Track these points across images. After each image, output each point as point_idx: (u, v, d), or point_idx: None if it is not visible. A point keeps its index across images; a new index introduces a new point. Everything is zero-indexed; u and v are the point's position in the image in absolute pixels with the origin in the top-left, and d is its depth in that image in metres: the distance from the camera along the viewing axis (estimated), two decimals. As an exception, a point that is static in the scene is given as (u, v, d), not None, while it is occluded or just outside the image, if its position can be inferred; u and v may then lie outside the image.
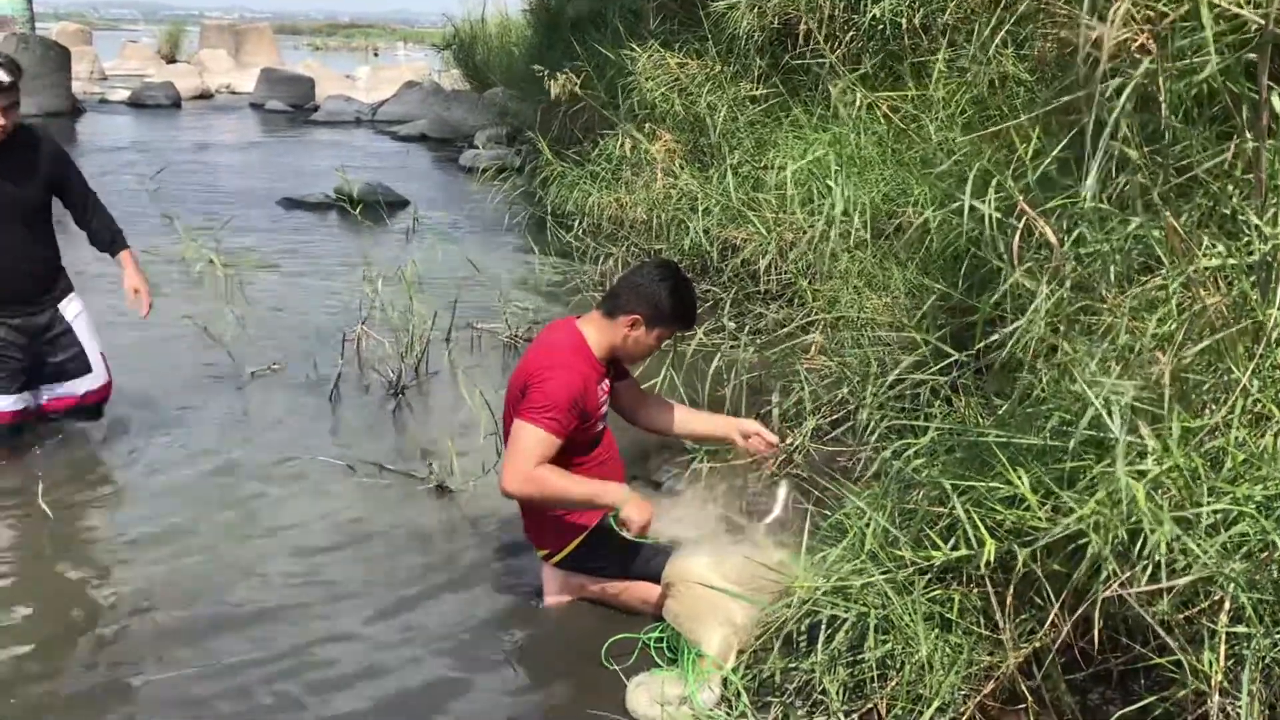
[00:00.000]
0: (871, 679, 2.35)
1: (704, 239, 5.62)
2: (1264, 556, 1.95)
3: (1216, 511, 1.98)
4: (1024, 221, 2.29)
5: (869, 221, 4.61)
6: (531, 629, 3.09)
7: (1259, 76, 2.11)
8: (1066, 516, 2.05)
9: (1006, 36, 3.70)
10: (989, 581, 2.29)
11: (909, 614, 2.31)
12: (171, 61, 26.48)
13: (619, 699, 2.66)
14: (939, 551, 2.31)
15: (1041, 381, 2.46)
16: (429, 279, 6.34)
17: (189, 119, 17.50)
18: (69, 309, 4.08)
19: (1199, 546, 1.94)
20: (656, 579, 2.94)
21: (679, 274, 3.10)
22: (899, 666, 2.32)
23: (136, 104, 18.60)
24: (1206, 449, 2.09)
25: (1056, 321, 2.39)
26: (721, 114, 6.01)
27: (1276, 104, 2.13)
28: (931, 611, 2.34)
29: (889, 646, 2.32)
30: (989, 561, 2.18)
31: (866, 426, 3.53)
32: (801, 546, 2.73)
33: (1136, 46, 2.18)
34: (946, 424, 2.74)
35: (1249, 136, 2.18)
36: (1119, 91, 2.14)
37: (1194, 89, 2.30)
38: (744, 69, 6.24)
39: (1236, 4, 2.10)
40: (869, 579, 2.39)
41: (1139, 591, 1.97)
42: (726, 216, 5.60)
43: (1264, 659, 1.96)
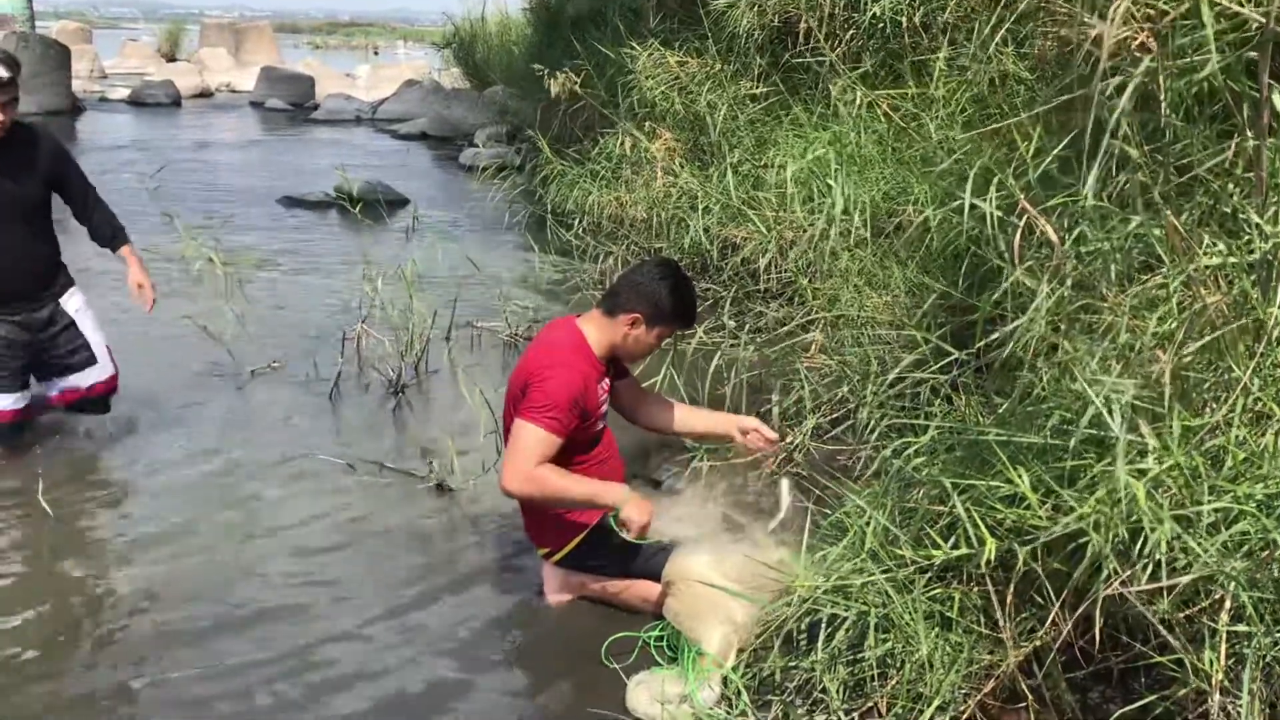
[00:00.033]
0: (872, 678, 2.35)
1: (704, 237, 5.62)
2: (1265, 555, 1.95)
3: (1217, 510, 1.98)
4: (1025, 219, 2.29)
5: (869, 220, 4.61)
6: (532, 627, 3.09)
7: (1260, 75, 2.10)
8: (1067, 515, 2.05)
9: (1007, 35, 3.70)
10: (989, 580, 2.29)
11: (909, 613, 2.31)
12: (171, 60, 26.49)
13: (619, 697, 2.66)
14: (939, 550, 2.31)
15: (1042, 380, 2.45)
16: (429, 277, 6.34)
17: (189, 117, 17.49)
18: (70, 303, 4.08)
19: (1199, 545, 1.94)
20: (657, 577, 2.94)
21: (679, 272, 3.10)
22: (899, 665, 2.32)
23: (136, 102, 18.60)
24: (1207, 448, 2.09)
25: (1057, 320, 2.39)
26: (721, 112, 6.01)
27: (1277, 102, 2.12)
28: (932, 610, 2.34)
29: (889, 645, 2.32)
30: (989, 560, 2.18)
31: (867, 425, 3.53)
32: (802, 545, 2.73)
33: (1137, 45, 2.18)
34: (947, 423, 2.74)
35: (1250, 135, 2.17)
36: (1119, 90, 2.14)
37: (1194, 87, 2.30)
38: (744, 67, 6.24)
39: (1238, 2, 2.10)
40: (869, 578, 2.39)
41: (1139, 590, 1.97)
42: (726, 215, 5.60)
43: (1265, 658, 1.96)
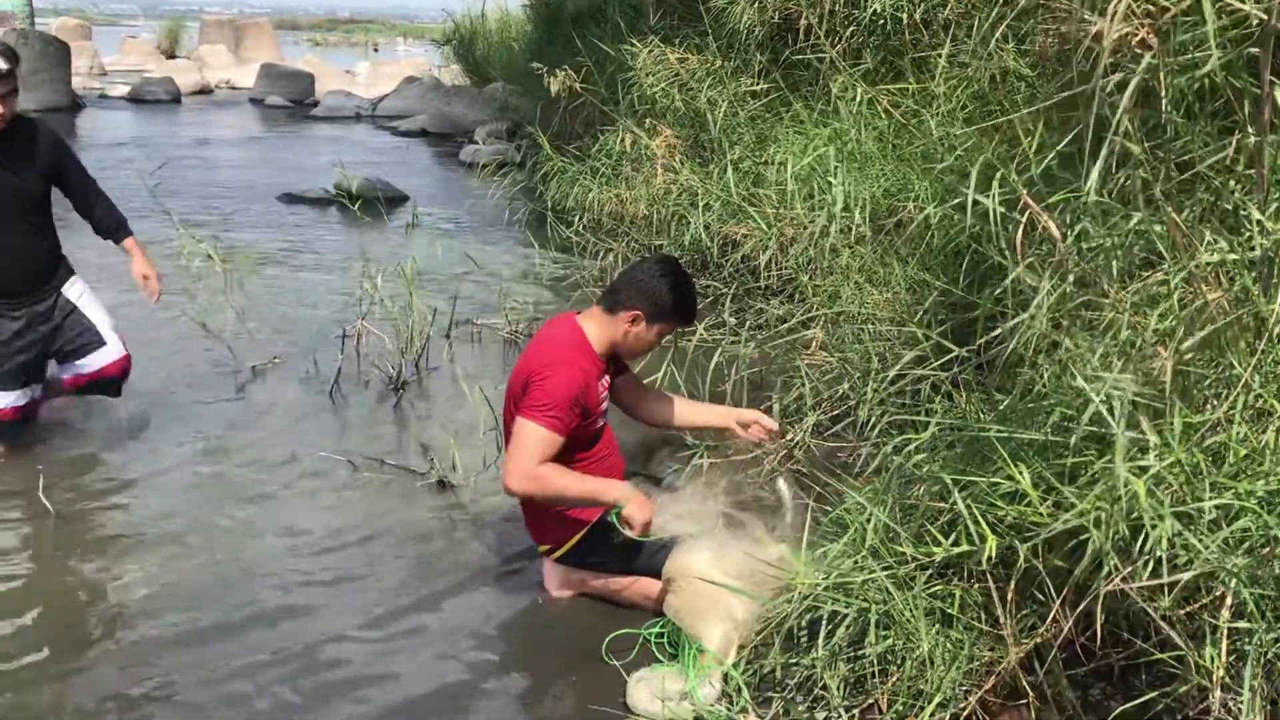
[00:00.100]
0: (872, 674, 2.35)
1: (704, 234, 5.62)
2: (1266, 552, 1.95)
3: (1218, 506, 1.98)
4: (1027, 216, 2.29)
5: (869, 217, 4.61)
6: (532, 624, 3.09)
7: (1261, 71, 2.10)
8: (1068, 512, 2.05)
9: (1007, 32, 3.69)
10: (990, 577, 2.28)
11: (910, 609, 2.31)
12: (171, 57, 26.46)
13: (620, 694, 2.66)
14: (940, 547, 2.31)
15: (1043, 377, 2.45)
16: (429, 274, 6.34)
17: (189, 114, 17.49)
18: (72, 291, 4.07)
19: (1201, 542, 1.93)
20: (658, 575, 2.94)
21: (679, 270, 3.10)
22: (900, 662, 2.32)
23: (136, 99, 18.59)
24: (1208, 444, 2.09)
25: (1058, 317, 2.38)
26: (722, 109, 6.00)
27: (1279, 99, 2.12)
28: (932, 607, 2.34)
29: (890, 642, 2.32)
30: (990, 557, 2.17)
31: (867, 422, 3.53)
32: (802, 542, 2.73)
33: (1137, 41, 2.17)
34: (948, 420, 2.74)
35: (1251, 131, 2.17)
36: (1120, 87, 2.13)
37: (1195, 84, 2.30)
38: (744, 64, 6.24)
39: (1239, -2, 2.09)
40: (870, 574, 2.38)
41: (1140, 586, 1.97)
42: (727, 212, 5.59)
43: (1266, 654, 1.95)
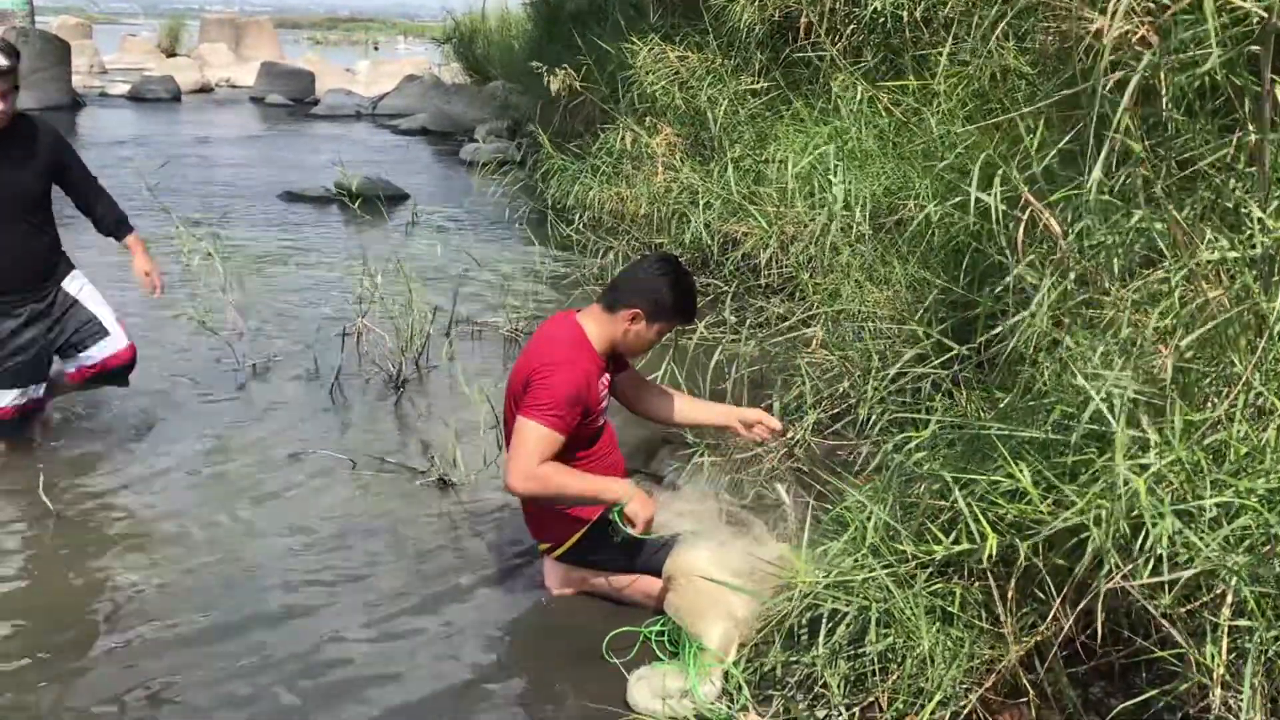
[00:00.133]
0: (873, 672, 2.35)
1: (705, 233, 5.62)
2: (1266, 550, 1.95)
3: (1219, 505, 1.98)
4: (1028, 213, 2.29)
5: (870, 215, 4.60)
6: (533, 623, 3.09)
7: (1262, 69, 2.10)
8: (1068, 510, 2.05)
9: (1007, 29, 3.69)
10: (990, 575, 2.28)
11: (910, 608, 2.31)
12: (171, 55, 26.46)
13: (620, 692, 2.66)
14: (940, 545, 2.31)
15: (1043, 375, 2.45)
16: (429, 273, 6.34)
17: (189, 113, 17.49)
18: (71, 285, 4.06)
19: (1201, 540, 1.93)
20: (658, 573, 2.94)
21: (679, 268, 3.09)
22: (900, 660, 2.32)
23: (136, 98, 18.59)
24: (1209, 442, 2.09)
25: (1059, 314, 2.38)
26: (722, 107, 6.00)
27: (1279, 96, 2.12)
28: (933, 605, 2.34)
29: (890, 640, 2.32)
30: (991, 555, 2.17)
31: (868, 420, 3.53)
32: (803, 540, 2.73)
33: (1137, 39, 2.17)
34: (948, 418, 2.74)
35: (1251, 129, 2.17)
36: (1121, 85, 2.13)
37: (1196, 82, 2.29)
38: (745, 62, 6.23)
39: (1239, -4, 2.09)
40: (870, 573, 2.38)
41: (1141, 585, 1.97)
42: (727, 210, 5.59)
43: (1266, 652, 1.95)
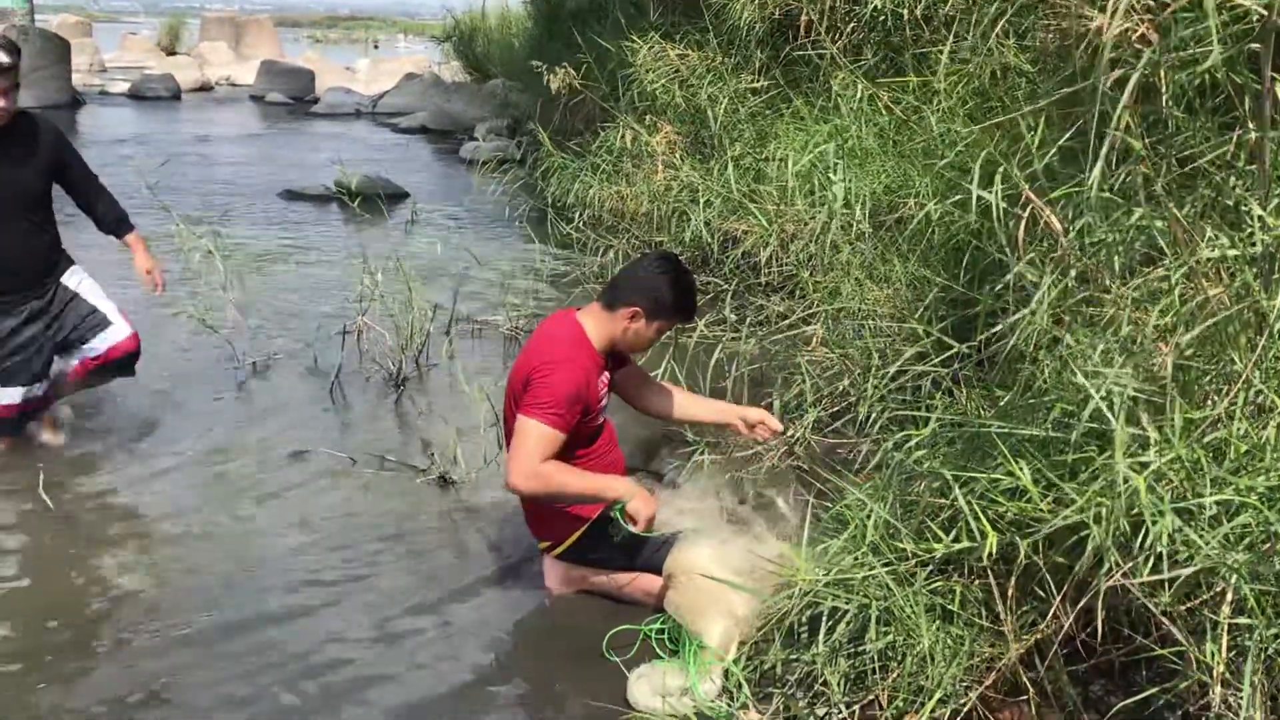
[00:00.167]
0: (873, 670, 2.35)
1: (705, 231, 5.62)
2: (1266, 547, 1.95)
3: (1219, 502, 1.98)
4: (1029, 211, 2.29)
5: (870, 213, 4.60)
6: (533, 621, 3.09)
7: (1262, 67, 2.10)
8: (1068, 508, 2.05)
9: (1008, 27, 3.69)
10: (990, 573, 2.29)
11: (910, 606, 2.31)
12: (172, 54, 26.43)
13: (620, 690, 2.66)
14: (940, 543, 2.31)
15: (1044, 373, 2.45)
16: (429, 271, 6.34)
17: (189, 111, 17.48)
18: (71, 279, 4.05)
19: (1201, 538, 1.94)
20: (659, 571, 2.94)
21: (679, 266, 3.09)
22: (900, 658, 2.32)
23: (136, 96, 18.57)
24: (1209, 440, 2.09)
25: (1059, 312, 2.38)
26: (722, 106, 6.00)
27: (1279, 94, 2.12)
28: (933, 603, 2.34)
29: (890, 638, 2.32)
30: (991, 553, 2.17)
31: (868, 418, 3.53)
32: (803, 538, 2.73)
33: (1137, 37, 2.17)
34: (948, 416, 2.74)
35: (1252, 127, 2.17)
36: (1120, 83, 2.13)
37: (1196, 79, 2.29)
38: (745, 60, 6.23)
39: (1240, -7, 2.09)
40: (870, 571, 2.38)
41: (1141, 582, 1.97)
42: (728, 208, 5.59)
43: (1266, 650, 1.96)
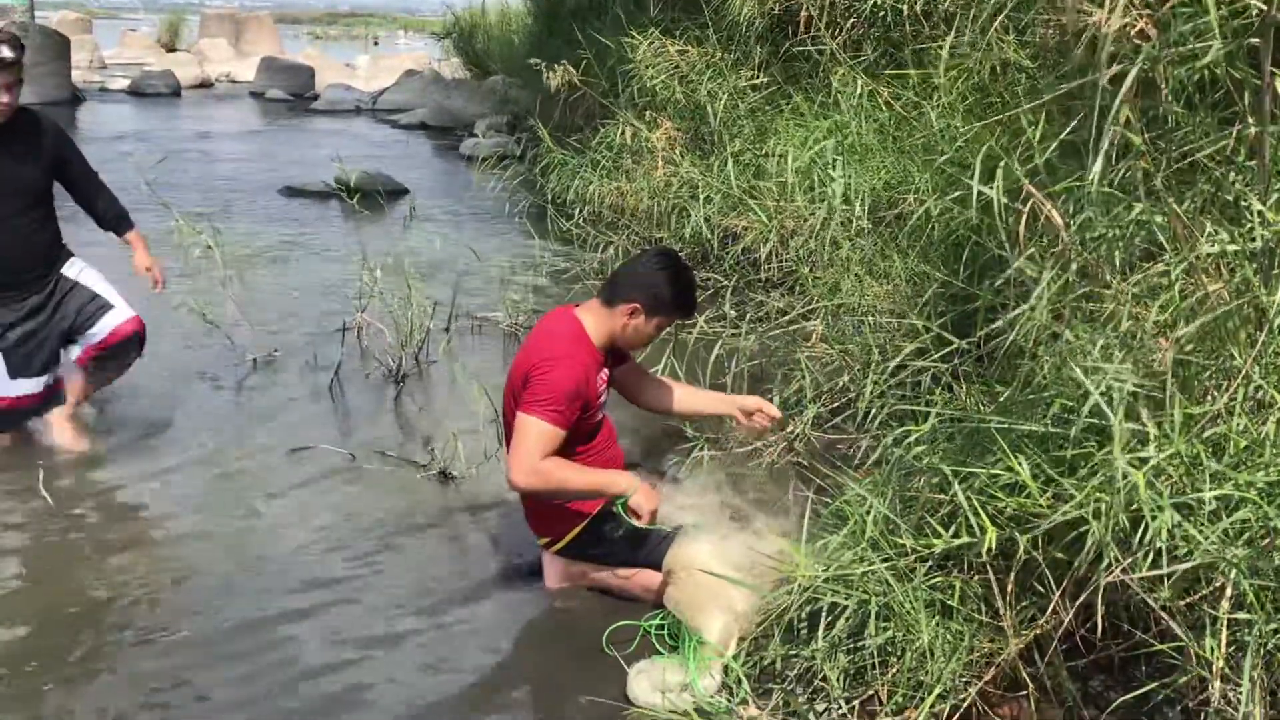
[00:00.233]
0: (872, 666, 2.35)
1: (705, 227, 5.61)
2: (1265, 543, 1.95)
3: (1218, 498, 1.98)
4: (1029, 206, 2.28)
5: (869, 209, 4.60)
6: (533, 617, 3.09)
7: (1261, 62, 2.10)
8: (1067, 503, 2.05)
9: (1007, 23, 3.68)
10: (990, 569, 2.29)
11: (910, 601, 2.31)
12: (171, 50, 26.44)
13: (620, 686, 2.66)
14: (940, 539, 2.31)
15: (1043, 369, 2.45)
16: (429, 267, 6.34)
17: (189, 108, 17.47)
18: (71, 270, 4.04)
19: (1200, 533, 1.94)
20: (658, 567, 2.94)
21: (679, 262, 3.09)
22: (900, 653, 2.33)
23: (136, 93, 18.57)
24: (1208, 435, 2.09)
25: (1059, 307, 2.38)
26: (722, 101, 6.00)
27: (1279, 89, 2.12)
28: (932, 599, 2.34)
29: (890, 634, 2.33)
30: (990, 549, 2.18)
31: (867, 414, 3.53)
32: (802, 534, 2.73)
33: (1136, 32, 2.16)
34: (948, 411, 2.74)
35: (1251, 122, 2.17)
36: (1118, 79, 2.13)
37: (1196, 74, 2.29)
38: (744, 56, 6.23)
39: (1239, -12, 2.09)
40: (870, 566, 2.39)
41: (1140, 578, 1.97)
42: (727, 204, 5.59)
43: (1265, 645, 1.96)
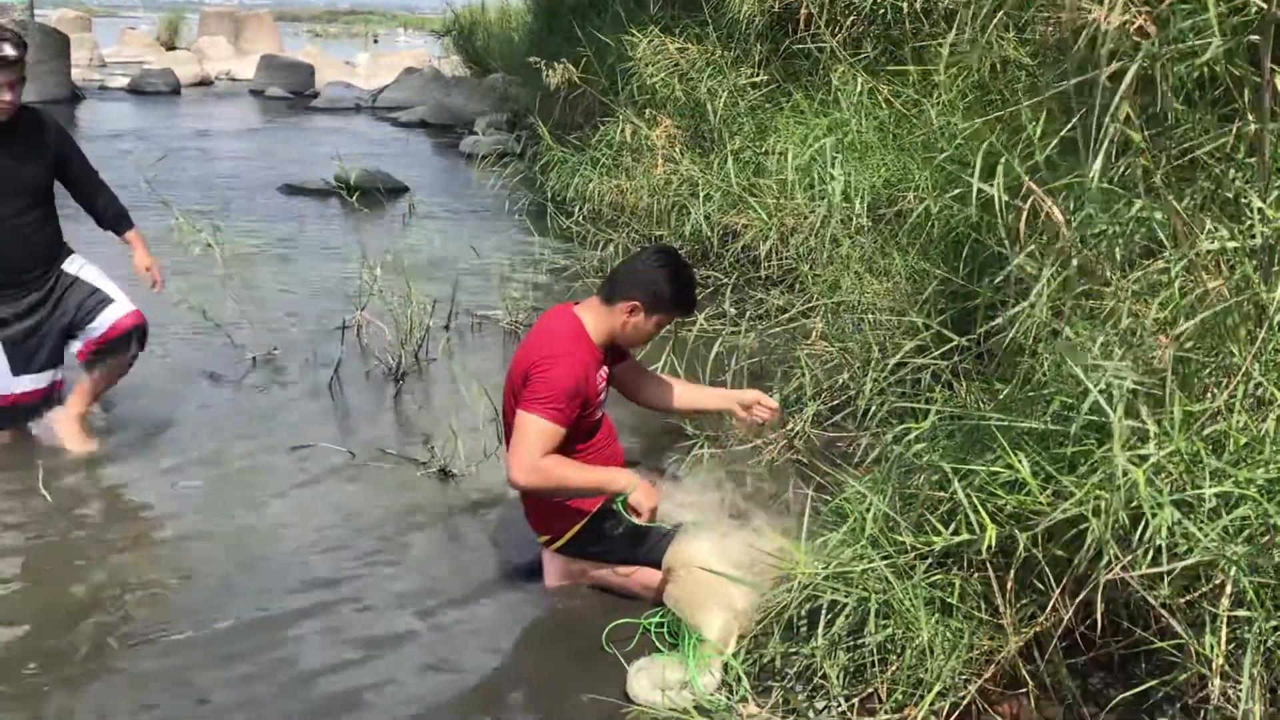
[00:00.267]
0: (872, 663, 2.35)
1: (705, 225, 5.61)
2: (1265, 540, 1.95)
3: (1218, 495, 1.98)
4: (1030, 203, 2.28)
5: (869, 207, 4.60)
6: (532, 615, 3.09)
7: (1261, 59, 2.09)
8: (1067, 501, 2.05)
9: (1007, 20, 3.68)
10: (990, 566, 2.29)
11: (909, 599, 2.31)
12: (171, 48, 26.42)
13: (620, 684, 2.66)
14: (939, 536, 2.31)
15: (1043, 366, 2.45)
16: (429, 265, 6.34)
17: (189, 106, 17.46)
18: (71, 265, 4.04)
19: (1200, 530, 1.93)
20: (658, 564, 2.94)
21: (678, 260, 3.08)
22: (899, 651, 2.33)
23: (136, 91, 18.56)
24: (1208, 433, 2.09)
25: (1059, 304, 2.38)
26: (722, 99, 5.99)
27: (1279, 86, 2.11)
28: (932, 596, 2.34)
29: (889, 631, 2.33)
30: (990, 546, 2.17)
31: (867, 411, 3.53)
32: (802, 531, 2.73)
33: (1135, 29, 2.16)
34: (947, 408, 2.74)
35: (1251, 119, 2.16)
36: (1117, 76, 2.13)
37: (1195, 71, 2.29)
38: (744, 54, 6.22)
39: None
40: (869, 564, 2.39)
41: (1140, 575, 1.97)
42: (727, 202, 5.59)
43: (1265, 642, 1.96)
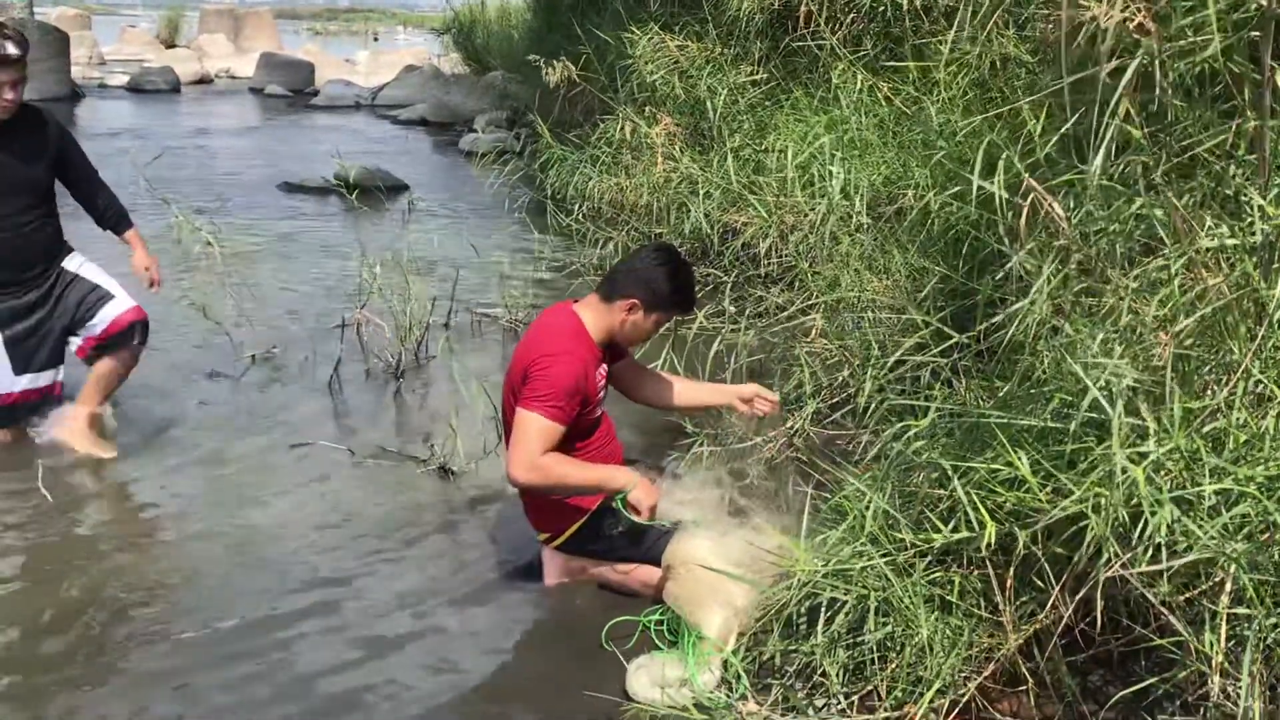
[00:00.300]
0: (871, 661, 2.35)
1: (704, 222, 5.61)
2: (1265, 537, 1.95)
3: (1218, 492, 1.98)
4: (1030, 200, 2.28)
5: (869, 204, 4.60)
6: (532, 612, 3.09)
7: (1261, 55, 2.09)
8: (1067, 498, 2.05)
9: (1007, 18, 3.67)
10: (989, 564, 2.28)
11: (909, 596, 2.31)
12: (171, 46, 26.41)
13: (619, 681, 2.66)
14: (939, 534, 2.31)
15: (1043, 363, 2.45)
16: (428, 263, 6.34)
17: (188, 104, 17.45)
18: (71, 263, 4.04)
19: (1200, 528, 1.93)
20: (658, 562, 2.94)
21: (677, 258, 3.08)
22: (899, 649, 2.33)
23: (135, 89, 18.56)
24: (1208, 430, 2.09)
25: (1059, 302, 2.38)
26: (722, 97, 5.99)
27: (1279, 83, 2.11)
28: (931, 594, 2.34)
29: (889, 629, 2.33)
30: (989, 544, 2.17)
31: (867, 409, 3.53)
32: (802, 529, 2.73)
33: (1135, 26, 2.16)
34: (947, 406, 2.73)
35: (1251, 116, 2.16)
36: (1117, 73, 2.12)
37: (1195, 68, 2.29)
38: (744, 52, 6.22)
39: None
40: (869, 561, 2.39)
41: (1140, 573, 1.97)
42: (727, 200, 5.59)
43: (1265, 640, 1.95)
